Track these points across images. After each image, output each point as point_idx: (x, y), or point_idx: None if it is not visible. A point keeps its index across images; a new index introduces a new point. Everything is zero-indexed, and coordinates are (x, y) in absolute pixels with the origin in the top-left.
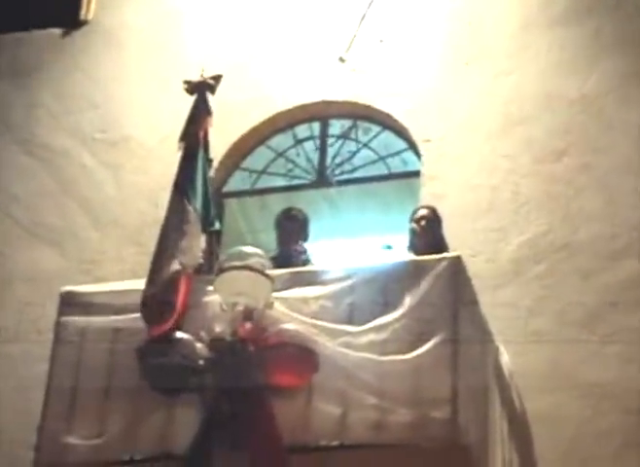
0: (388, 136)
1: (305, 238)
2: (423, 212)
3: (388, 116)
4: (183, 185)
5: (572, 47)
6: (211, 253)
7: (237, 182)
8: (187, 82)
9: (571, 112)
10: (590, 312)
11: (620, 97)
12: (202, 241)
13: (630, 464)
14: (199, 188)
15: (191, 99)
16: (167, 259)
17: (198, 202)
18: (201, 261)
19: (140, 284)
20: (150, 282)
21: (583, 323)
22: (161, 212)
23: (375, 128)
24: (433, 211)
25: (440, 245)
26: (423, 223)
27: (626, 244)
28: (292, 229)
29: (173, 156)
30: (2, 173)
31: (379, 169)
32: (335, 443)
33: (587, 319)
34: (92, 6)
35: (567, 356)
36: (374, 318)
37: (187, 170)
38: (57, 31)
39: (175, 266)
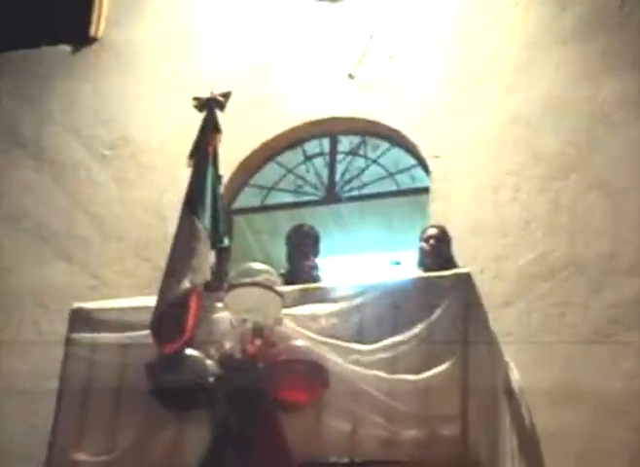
0: (397, 153)
1: (316, 255)
2: (432, 231)
3: (397, 132)
4: (193, 202)
5: (580, 64)
6: (220, 270)
7: (247, 198)
8: (196, 98)
9: (579, 129)
10: (599, 329)
11: (628, 115)
12: (211, 258)
13: None
14: (209, 205)
15: (200, 115)
16: (178, 277)
17: (208, 219)
18: (209, 278)
19: (149, 301)
20: (160, 301)
21: (591, 339)
22: (170, 228)
23: (384, 145)
24: (442, 231)
25: (448, 264)
26: (432, 242)
27: (634, 261)
28: (303, 244)
29: (182, 172)
30: (11, 188)
31: (388, 186)
32: (344, 459)
33: (596, 335)
34: (102, 23)
35: (576, 372)
36: (384, 335)
37: (197, 187)
38: (67, 48)
39: (186, 284)
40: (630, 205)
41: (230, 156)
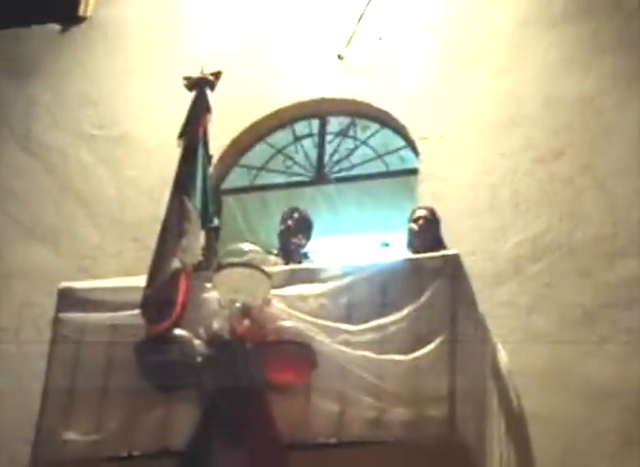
0: (386, 134)
1: (307, 238)
2: (421, 212)
3: (386, 113)
4: (183, 182)
5: (570, 46)
6: (210, 250)
7: (236, 178)
8: (186, 78)
9: (569, 111)
10: (589, 312)
11: (618, 97)
12: (202, 239)
13: (628, 464)
14: (199, 185)
15: (190, 95)
16: (167, 257)
17: (198, 199)
18: (201, 258)
19: (138, 281)
20: (150, 281)
21: (581, 322)
22: (160, 209)
23: (374, 126)
24: (431, 212)
25: (438, 246)
26: (421, 222)
27: (625, 244)
28: (297, 225)
29: (172, 152)
30: None
31: (377, 167)
32: (333, 440)
33: (586, 318)
34: (91, 2)
35: (565, 355)
36: (373, 316)
37: (187, 167)
38: (56, 27)
39: (175, 264)
40: (621, 187)
41: (219, 136)
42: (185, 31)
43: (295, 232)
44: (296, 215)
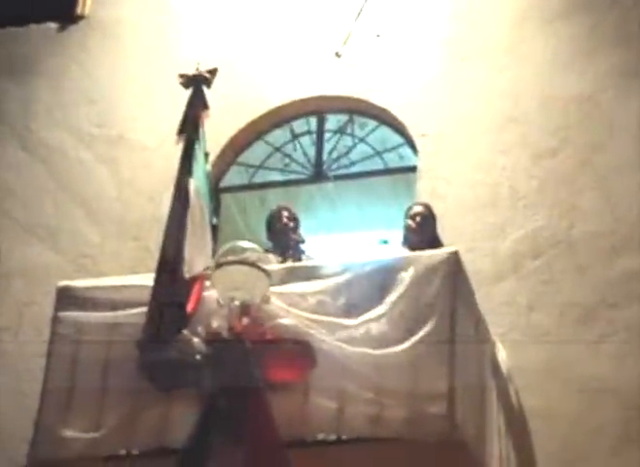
0: (385, 131)
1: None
2: (418, 209)
3: (385, 111)
4: (186, 178)
5: (569, 42)
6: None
7: (234, 177)
8: (182, 75)
9: (568, 108)
10: (588, 308)
11: (617, 93)
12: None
13: (627, 460)
14: (203, 180)
15: (188, 94)
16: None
17: (204, 195)
18: (210, 259)
19: (137, 279)
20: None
21: (580, 319)
22: (160, 209)
23: (372, 123)
24: (428, 208)
25: (434, 242)
26: (418, 219)
27: (624, 240)
28: (291, 221)
29: (171, 151)
30: None
31: (376, 164)
32: (332, 437)
33: (585, 315)
34: (89, 1)
35: (564, 352)
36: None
37: (188, 165)
38: (54, 26)
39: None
40: (620, 184)
41: (217, 134)
42: (182, 30)
43: (293, 228)
44: (286, 213)
